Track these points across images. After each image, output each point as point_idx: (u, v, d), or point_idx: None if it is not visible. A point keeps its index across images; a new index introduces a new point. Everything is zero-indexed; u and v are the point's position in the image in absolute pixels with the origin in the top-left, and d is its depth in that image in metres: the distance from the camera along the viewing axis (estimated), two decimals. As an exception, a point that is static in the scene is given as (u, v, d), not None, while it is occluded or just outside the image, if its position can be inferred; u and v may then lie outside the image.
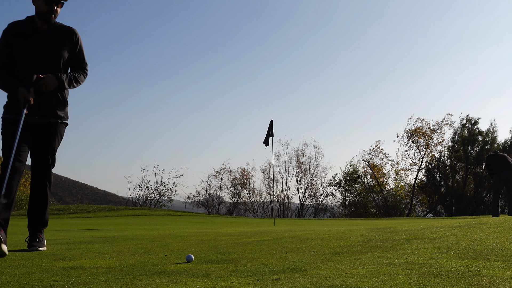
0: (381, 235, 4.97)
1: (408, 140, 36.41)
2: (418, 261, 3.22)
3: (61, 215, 21.83)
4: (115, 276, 3.10)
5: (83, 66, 4.93)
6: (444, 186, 34.96)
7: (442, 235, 4.60)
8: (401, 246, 4.04)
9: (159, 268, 3.44)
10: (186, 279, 2.92)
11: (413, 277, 2.63)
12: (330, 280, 2.65)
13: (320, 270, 3.07)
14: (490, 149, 32.93)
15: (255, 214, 35.16)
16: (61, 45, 4.75)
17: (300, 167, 36.44)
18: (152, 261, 3.93)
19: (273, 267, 3.26)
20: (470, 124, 34.62)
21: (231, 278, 2.89)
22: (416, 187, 35.98)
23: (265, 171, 36.11)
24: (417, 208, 37.49)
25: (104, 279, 2.98)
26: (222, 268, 3.34)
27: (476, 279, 2.47)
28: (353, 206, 36.86)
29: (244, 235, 6.36)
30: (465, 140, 34.14)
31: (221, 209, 35.43)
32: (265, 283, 2.66)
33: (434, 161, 35.40)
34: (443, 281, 2.48)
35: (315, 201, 36.38)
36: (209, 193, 36.00)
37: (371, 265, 3.15)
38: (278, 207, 35.73)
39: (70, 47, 4.81)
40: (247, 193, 36.28)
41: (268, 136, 15.08)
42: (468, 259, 3.17)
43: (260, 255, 4.01)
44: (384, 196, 36.72)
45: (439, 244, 3.99)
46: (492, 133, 34.03)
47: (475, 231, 4.71)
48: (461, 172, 34.95)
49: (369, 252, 3.81)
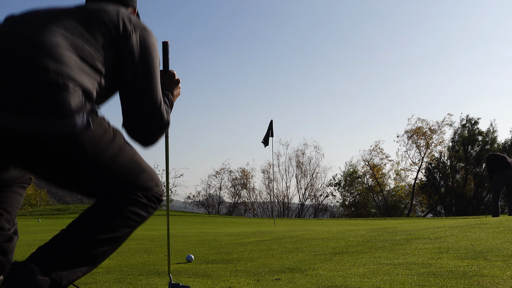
0: (381, 235, 4.97)
1: (408, 140, 36.44)
2: (418, 261, 3.21)
3: (61, 215, 21.84)
4: (115, 276, 3.10)
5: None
6: (444, 186, 34.97)
7: (442, 235, 4.60)
8: (401, 246, 4.04)
9: (159, 268, 3.44)
10: (186, 279, 2.92)
11: (413, 277, 2.63)
12: (330, 280, 2.65)
13: (320, 270, 3.07)
14: (490, 149, 32.93)
15: (255, 214, 35.17)
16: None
17: (300, 167, 36.47)
18: (152, 261, 3.93)
19: (273, 267, 3.26)
20: (470, 124, 34.62)
21: (231, 278, 2.89)
22: (416, 187, 35.98)
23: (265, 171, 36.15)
24: (417, 208, 37.49)
25: (104, 279, 2.98)
26: (222, 268, 3.34)
27: (476, 279, 2.47)
28: (353, 206, 36.86)
29: (244, 235, 6.37)
30: (465, 140, 34.14)
31: (221, 209, 35.44)
32: (265, 283, 2.66)
33: (434, 161, 35.40)
34: (443, 281, 2.47)
35: (315, 201, 36.41)
36: (209, 193, 36.04)
37: (371, 265, 3.15)
38: (278, 207, 35.75)
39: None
40: (247, 193, 36.31)
41: (267, 136, 15.10)
42: (468, 259, 3.17)
43: (260, 255, 4.01)
44: (384, 196, 36.72)
45: (439, 244, 3.99)
46: (492, 133, 34.03)
47: (475, 231, 4.71)
48: (461, 172, 34.95)
49: (369, 252, 3.81)
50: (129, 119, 1.94)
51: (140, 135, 1.94)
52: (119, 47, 1.88)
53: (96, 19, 1.87)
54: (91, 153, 1.70)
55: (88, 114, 1.68)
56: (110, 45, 1.86)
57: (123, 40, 1.89)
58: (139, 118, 1.93)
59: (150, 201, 1.91)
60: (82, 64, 1.74)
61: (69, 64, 1.69)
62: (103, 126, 1.77)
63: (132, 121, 1.93)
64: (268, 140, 15.09)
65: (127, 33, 1.89)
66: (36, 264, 1.68)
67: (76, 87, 1.66)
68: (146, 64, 1.93)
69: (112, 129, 1.82)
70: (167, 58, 2.46)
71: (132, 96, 1.91)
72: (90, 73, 1.76)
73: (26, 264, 1.68)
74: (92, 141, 1.69)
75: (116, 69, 1.89)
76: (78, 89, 1.67)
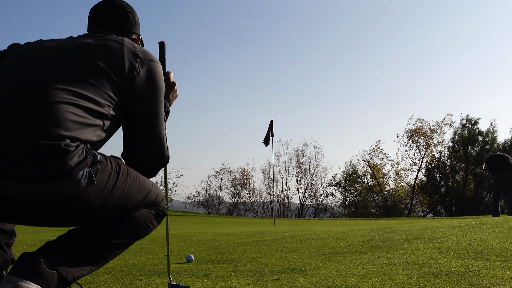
0: (381, 235, 4.97)
1: (408, 140, 36.40)
2: (418, 261, 3.21)
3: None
4: (115, 276, 3.10)
5: None
6: (444, 186, 34.94)
7: (442, 235, 4.60)
8: (401, 246, 4.04)
9: (159, 268, 3.44)
10: (186, 279, 2.92)
11: (413, 277, 2.63)
12: (330, 280, 2.65)
13: (320, 270, 3.07)
14: (490, 149, 32.91)
15: (255, 214, 35.15)
16: None
17: (300, 167, 36.43)
18: (152, 261, 3.93)
19: (273, 267, 3.26)
20: (470, 124, 34.59)
21: (231, 278, 2.89)
22: (416, 187, 35.96)
23: (265, 171, 36.11)
24: (417, 208, 37.45)
25: (104, 279, 2.98)
26: (222, 268, 3.34)
27: (476, 279, 2.47)
28: (353, 206, 36.84)
29: (244, 235, 6.37)
30: (465, 140, 34.11)
31: (221, 209, 35.42)
32: (265, 283, 2.66)
33: (434, 161, 35.38)
34: (443, 281, 2.47)
35: (315, 201, 36.38)
36: (209, 193, 35.99)
37: (371, 265, 3.15)
38: (278, 207, 35.73)
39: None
40: (247, 193, 36.28)
41: (268, 136, 15.09)
42: (468, 259, 3.16)
43: (260, 255, 4.01)
44: (384, 196, 36.72)
45: (439, 244, 3.99)
46: (492, 133, 33.99)
47: (475, 231, 4.71)
48: (461, 172, 34.92)
49: (369, 252, 3.81)
50: (130, 153, 2.01)
51: (140, 170, 2.00)
52: (124, 88, 1.88)
53: (100, 61, 1.84)
54: (97, 203, 1.77)
55: (91, 169, 1.70)
56: (115, 87, 1.86)
57: (129, 81, 1.88)
58: (141, 155, 2.00)
59: (157, 214, 2.03)
60: (85, 116, 1.75)
61: (70, 124, 1.70)
62: (107, 171, 1.79)
63: (133, 158, 2.01)
64: (268, 140, 15.09)
65: (133, 74, 1.88)
66: (45, 257, 1.74)
67: (77, 145, 1.68)
68: (152, 102, 1.96)
69: (114, 166, 1.84)
70: (163, 59, 2.45)
71: (136, 134, 1.96)
72: (94, 122, 1.78)
73: (35, 256, 1.73)
74: (98, 192, 1.75)
75: (122, 108, 1.90)
76: (80, 146, 1.69)
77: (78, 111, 1.74)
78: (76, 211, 1.75)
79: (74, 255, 1.80)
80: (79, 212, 1.77)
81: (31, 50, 1.91)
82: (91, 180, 1.69)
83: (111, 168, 1.81)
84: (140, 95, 1.91)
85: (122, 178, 1.85)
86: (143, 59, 1.93)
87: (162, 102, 2.01)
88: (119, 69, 1.86)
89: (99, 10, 2.13)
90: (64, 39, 1.97)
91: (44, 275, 1.69)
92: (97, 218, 1.85)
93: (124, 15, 2.14)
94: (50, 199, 1.65)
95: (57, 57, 1.85)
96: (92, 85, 1.80)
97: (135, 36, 2.17)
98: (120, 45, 1.91)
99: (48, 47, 1.91)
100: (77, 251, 1.81)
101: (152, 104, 1.96)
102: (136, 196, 1.92)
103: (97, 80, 1.81)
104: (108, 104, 1.82)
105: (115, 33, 2.08)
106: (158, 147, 2.00)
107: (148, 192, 1.97)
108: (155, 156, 2.01)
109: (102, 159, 1.77)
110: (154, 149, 1.99)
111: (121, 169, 1.86)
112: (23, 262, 1.70)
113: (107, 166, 1.79)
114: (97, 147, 1.86)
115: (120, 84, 1.86)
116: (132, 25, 2.16)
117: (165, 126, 2.07)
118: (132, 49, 1.92)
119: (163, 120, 2.01)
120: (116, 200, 1.83)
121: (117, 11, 2.13)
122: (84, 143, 1.72)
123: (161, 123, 2.00)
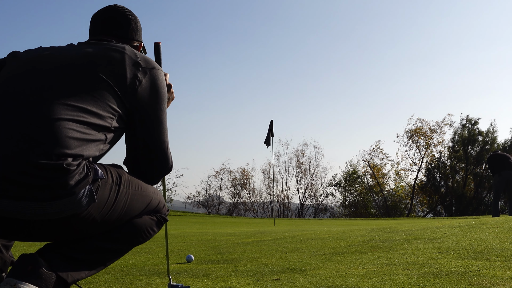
0: (381, 236, 4.97)
1: (408, 140, 36.39)
2: (418, 261, 3.21)
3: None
4: (115, 276, 3.10)
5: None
6: (444, 186, 34.93)
7: (442, 235, 4.60)
8: (401, 246, 4.04)
9: (159, 268, 3.44)
10: (186, 279, 2.92)
11: (413, 277, 2.63)
12: (330, 280, 2.65)
13: (320, 270, 3.07)
14: (490, 149, 32.90)
15: (255, 214, 35.14)
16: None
17: (300, 167, 36.43)
18: (152, 261, 3.93)
19: (273, 267, 3.26)
20: (470, 124, 34.58)
21: (231, 278, 2.89)
22: (416, 187, 35.96)
23: (265, 171, 36.10)
24: (417, 208, 37.45)
25: (104, 279, 2.98)
26: (222, 268, 3.34)
27: (476, 279, 2.47)
28: (353, 206, 36.84)
29: (244, 235, 6.37)
30: (465, 140, 34.11)
31: (221, 209, 35.41)
32: (265, 283, 2.66)
33: (434, 161, 35.38)
34: (443, 281, 2.47)
35: (315, 201, 36.37)
36: (209, 193, 35.99)
37: (371, 265, 3.15)
38: (278, 207, 35.72)
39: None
40: (247, 193, 36.28)
41: (268, 137, 15.09)
42: (468, 259, 3.16)
43: (260, 255, 4.01)
44: (384, 196, 36.71)
45: (439, 244, 3.99)
46: (492, 133, 33.99)
47: (475, 231, 4.71)
48: (461, 172, 34.92)
49: (369, 252, 3.81)
50: (133, 161, 2.00)
51: (143, 177, 2.00)
52: (127, 98, 1.86)
53: (102, 73, 1.83)
54: (99, 218, 1.77)
55: (92, 186, 1.69)
56: (118, 98, 1.84)
57: (131, 91, 1.87)
58: (144, 163, 1.99)
59: (158, 220, 2.03)
60: (87, 132, 1.74)
61: (72, 142, 1.68)
62: (108, 185, 1.77)
63: (136, 165, 2.00)
64: (269, 140, 15.09)
65: (135, 83, 1.87)
66: (44, 259, 1.74)
67: (79, 163, 1.67)
68: (155, 110, 1.95)
69: (115, 178, 1.82)
70: (159, 60, 2.43)
71: (139, 143, 1.95)
72: (96, 137, 1.77)
73: (34, 257, 1.72)
74: (99, 208, 1.75)
75: (125, 118, 1.89)
76: (82, 163, 1.68)
77: (81, 127, 1.72)
78: (77, 228, 1.75)
79: (74, 258, 1.80)
80: (80, 229, 1.77)
81: (32, 59, 1.89)
82: (92, 198, 1.69)
83: (112, 181, 1.80)
84: (142, 104, 1.90)
85: (123, 189, 1.84)
86: (145, 67, 1.91)
87: (165, 110, 2.00)
88: (121, 80, 1.85)
89: (101, 16, 2.12)
90: (64, 47, 1.95)
91: (43, 277, 1.68)
92: (99, 230, 1.84)
93: (126, 22, 2.12)
94: (52, 218, 1.65)
95: (59, 68, 1.83)
96: (95, 98, 1.78)
97: (137, 43, 2.16)
98: (122, 54, 1.89)
99: (49, 56, 1.89)
100: (76, 254, 1.81)
101: (155, 112, 1.95)
102: (138, 205, 1.91)
103: (99, 92, 1.80)
104: (111, 116, 1.81)
105: (116, 40, 2.06)
106: (161, 155, 1.99)
107: (150, 200, 1.97)
108: (158, 164, 2.00)
109: (104, 174, 1.75)
110: (157, 157, 1.99)
111: (122, 180, 1.84)
112: (22, 264, 1.70)
113: (108, 180, 1.78)
114: (98, 159, 1.85)
115: (123, 94, 1.85)
116: (134, 32, 2.15)
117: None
118: (134, 57, 1.91)
119: (166, 128, 2.01)
120: (119, 212, 1.83)
121: (119, 18, 2.11)
122: (86, 159, 1.72)
123: (165, 131, 2.00)
